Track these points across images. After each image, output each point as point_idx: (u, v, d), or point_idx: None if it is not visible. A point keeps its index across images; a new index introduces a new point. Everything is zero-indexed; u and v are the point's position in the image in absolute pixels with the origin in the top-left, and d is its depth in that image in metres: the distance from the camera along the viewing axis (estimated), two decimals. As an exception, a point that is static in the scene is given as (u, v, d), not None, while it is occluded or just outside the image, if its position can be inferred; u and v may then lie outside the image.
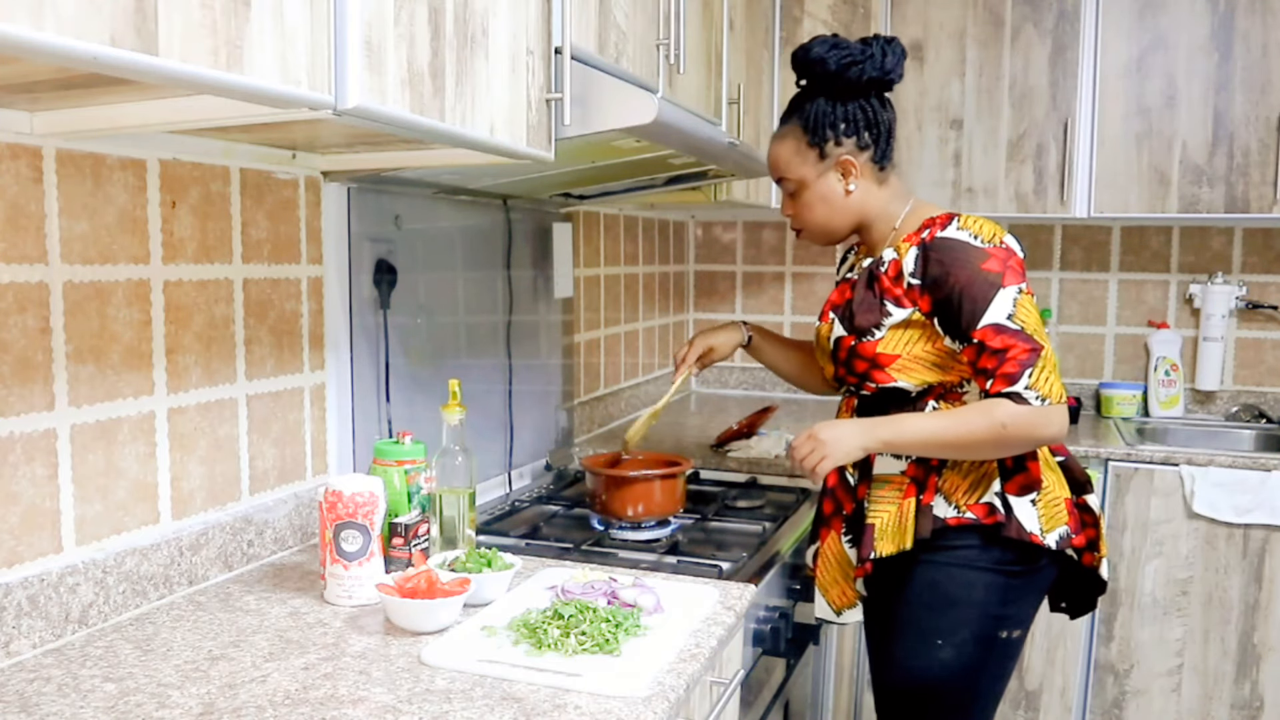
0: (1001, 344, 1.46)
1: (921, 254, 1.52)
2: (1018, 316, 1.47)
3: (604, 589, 1.40)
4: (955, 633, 1.57)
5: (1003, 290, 1.47)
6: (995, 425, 1.46)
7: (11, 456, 1.19)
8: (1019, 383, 1.45)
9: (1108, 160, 2.80)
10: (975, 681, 1.61)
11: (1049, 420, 1.47)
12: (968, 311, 1.48)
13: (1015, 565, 1.57)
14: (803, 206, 1.65)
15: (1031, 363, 1.46)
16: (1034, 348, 1.46)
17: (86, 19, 0.73)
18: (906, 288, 1.53)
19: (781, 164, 1.65)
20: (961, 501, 1.55)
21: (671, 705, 1.12)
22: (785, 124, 1.66)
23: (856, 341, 1.59)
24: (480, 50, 1.23)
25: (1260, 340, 3.09)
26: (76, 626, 1.26)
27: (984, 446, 1.50)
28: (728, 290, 3.58)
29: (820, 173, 1.62)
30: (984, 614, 1.57)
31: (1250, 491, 2.52)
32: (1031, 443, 1.50)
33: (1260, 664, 2.60)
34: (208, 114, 1.09)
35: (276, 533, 1.59)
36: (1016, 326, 1.46)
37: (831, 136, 1.60)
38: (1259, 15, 2.66)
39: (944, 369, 1.55)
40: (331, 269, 1.68)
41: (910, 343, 1.55)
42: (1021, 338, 1.46)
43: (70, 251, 1.24)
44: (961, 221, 1.53)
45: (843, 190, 1.62)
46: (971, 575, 1.56)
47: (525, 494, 2.13)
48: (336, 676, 1.16)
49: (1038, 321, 1.49)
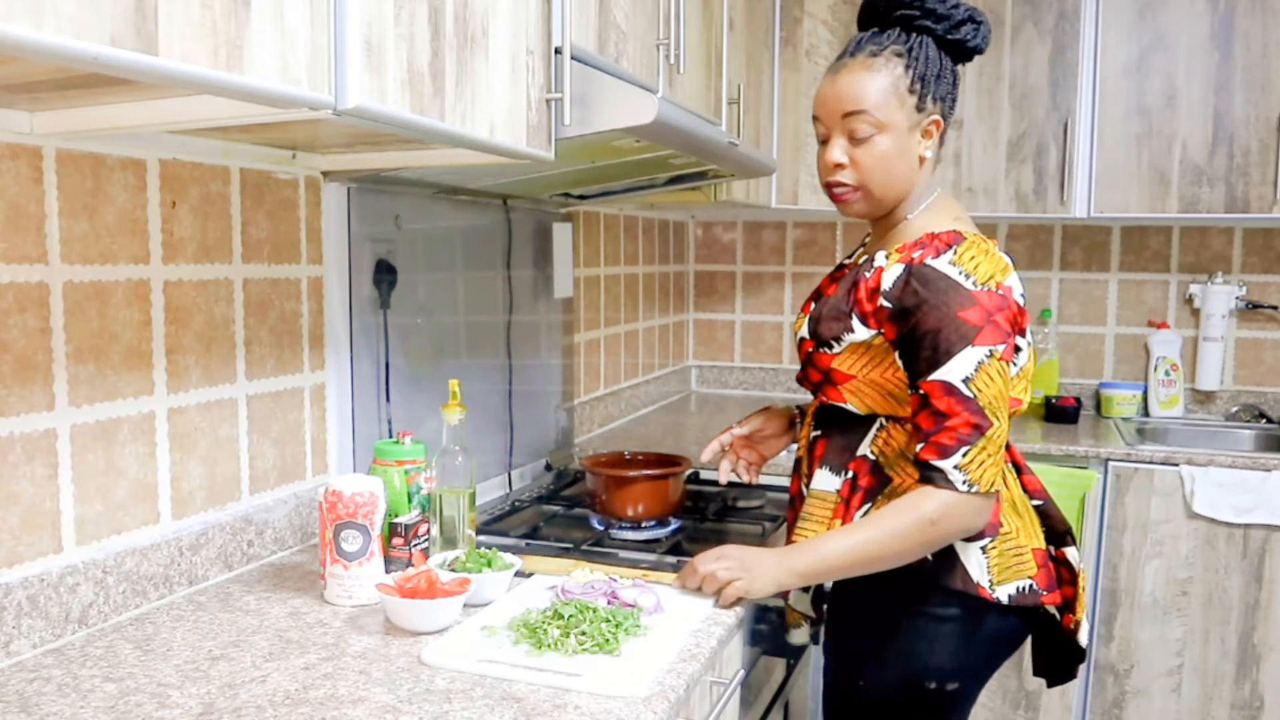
0: (946, 407, 1.28)
1: (903, 277, 1.33)
2: (975, 382, 1.27)
3: (604, 589, 1.40)
4: (876, 673, 1.43)
5: (971, 348, 1.28)
6: (924, 524, 1.30)
7: (11, 456, 1.19)
8: (949, 459, 1.28)
9: (1108, 160, 2.80)
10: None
11: (976, 511, 1.30)
12: (925, 358, 1.30)
13: (947, 613, 1.39)
14: (875, 157, 1.38)
15: (970, 441, 1.27)
16: (979, 424, 1.27)
17: (86, 19, 0.73)
18: (877, 308, 1.36)
19: (868, 97, 1.36)
20: None
21: (671, 705, 1.12)
22: (872, 52, 1.38)
23: (814, 350, 1.43)
24: (480, 50, 1.23)
25: (1260, 340, 3.09)
26: (76, 626, 1.26)
27: (913, 551, 1.33)
28: (728, 290, 3.58)
29: (911, 125, 1.38)
30: (906, 659, 1.40)
31: (1250, 491, 2.52)
32: (959, 536, 1.34)
33: (1260, 664, 2.60)
34: (208, 114, 1.09)
35: (276, 533, 1.59)
36: (970, 394, 1.27)
37: (932, 90, 1.37)
38: (1259, 15, 2.66)
39: (900, 401, 1.39)
40: (331, 269, 1.68)
41: (869, 366, 1.39)
42: (970, 408, 1.27)
43: (70, 251, 1.24)
44: (958, 253, 1.32)
45: (918, 154, 1.40)
46: (897, 616, 1.40)
47: (525, 494, 2.12)
48: (336, 676, 1.16)
49: (999, 393, 1.29)
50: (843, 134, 1.39)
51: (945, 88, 1.40)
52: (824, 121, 1.42)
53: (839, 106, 1.38)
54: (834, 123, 1.40)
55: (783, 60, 2.76)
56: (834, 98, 1.39)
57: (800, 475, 1.55)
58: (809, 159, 2.81)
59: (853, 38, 1.43)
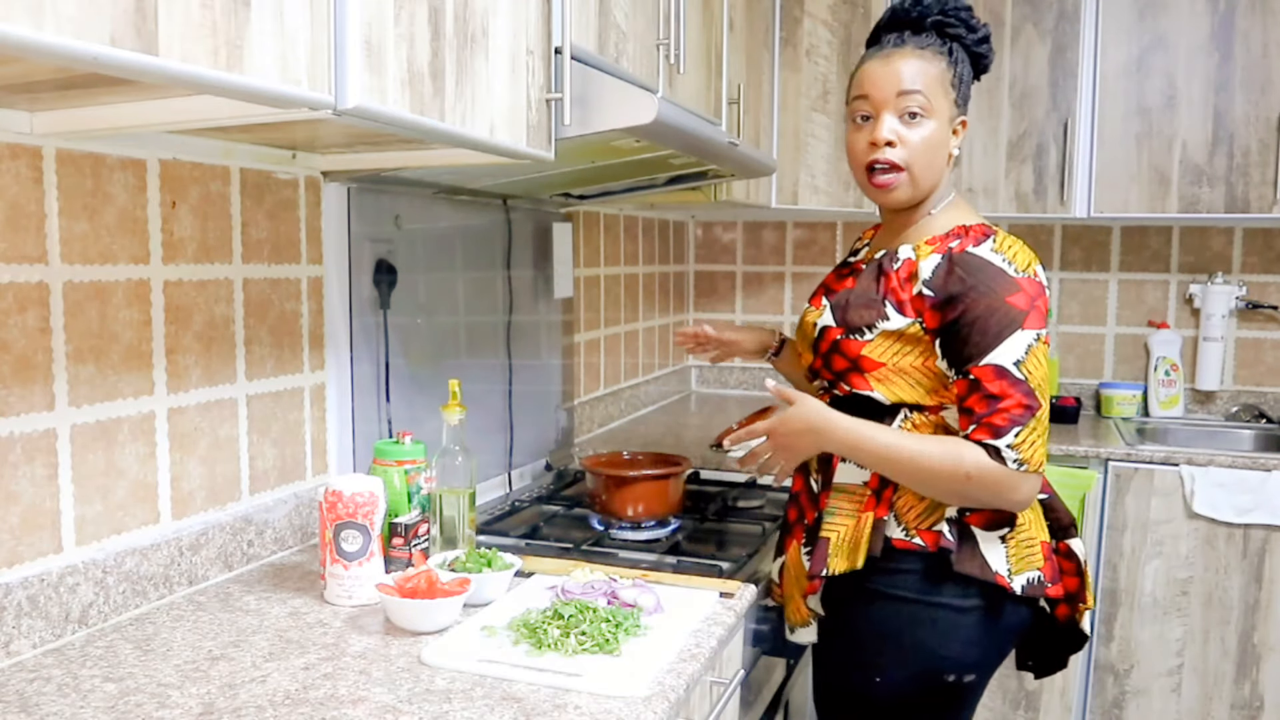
0: (999, 390, 1.32)
1: (945, 265, 1.37)
2: (1026, 365, 1.32)
3: (604, 589, 1.40)
4: (892, 670, 1.43)
5: (1020, 332, 1.32)
6: (959, 471, 1.33)
7: (11, 456, 1.19)
8: (1002, 438, 1.32)
9: (1108, 160, 2.80)
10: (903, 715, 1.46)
11: (1017, 487, 1.33)
12: (975, 343, 1.33)
13: (967, 604, 1.40)
14: (923, 139, 1.42)
15: (1023, 421, 1.32)
16: (1031, 405, 1.32)
17: (86, 19, 0.73)
18: (915, 295, 1.38)
19: (924, 80, 1.41)
20: (911, 524, 1.40)
21: (671, 705, 1.12)
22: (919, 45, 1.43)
23: (843, 337, 1.44)
24: (480, 50, 1.23)
25: (1260, 340, 3.09)
26: (76, 626, 1.26)
27: (939, 487, 1.37)
28: (728, 290, 3.58)
29: (949, 118, 1.44)
30: (924, 653, 1.42)
31: (1250, 491, 2.52)
32: (991, 503, 1.36)
33: (1260, 664, 2.60)
34: (208, 114, 1.09)
35: (276, 533, 1.59)
36: (1021, 376, 1.32)
37: (964, 92, 1.47)
38: (1259, 15, 2.66)
39: (927, 390, 1.41)
40: (331, 269, 1.68)
41: (899, 354, 1.41)
42: (1022, 390, 1.32)
43: (70, 251, 1.24)
44: (998, 241, 1.38)
45: (948, 150, 1.46)
46: (914, 609, 1.41)
47: (525, 494, 2.12)
48: (336, 676, 1.16)
49: (1045, 376, 1.35)
50: (895, 112, 1.42)
51: (969, 94, 1.48)
52: (873, 99, 1.43)
53: (895, 84, 1.41)
54: (886, 100, 1.42)
55: (783, 60, 2.76)
56: (889, 75, 1.42)
57: (805, 473, 1.55)
58: (809, 159, 2.81)
59: (885, 35, 1.47)
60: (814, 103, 2.81)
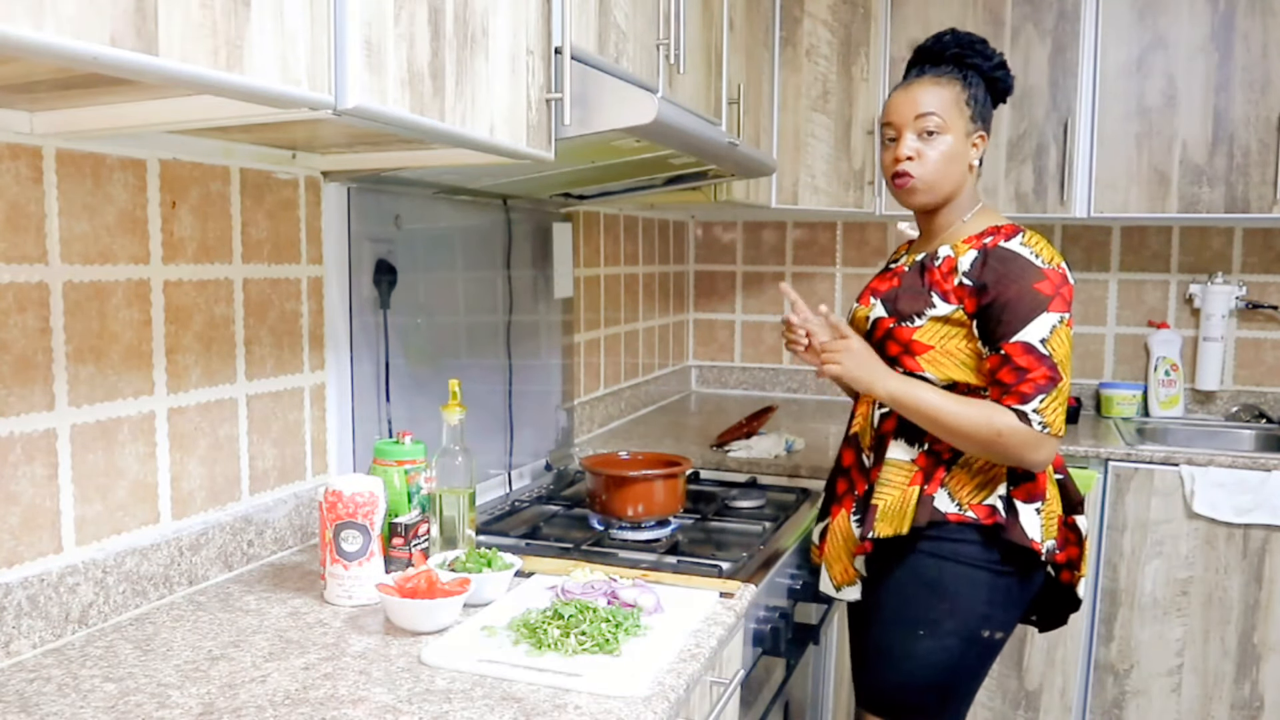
0: (1026, 363, 1.51)
1: (981, 257, 1.57)
2: (1051, 342, 1.51)
3: (604, 589, 1.40)
4: (939, 625, 1.62)
5: (1046, 314, 1.51)
6: (991, 429, 1.53)
7: (11, 456, 1.19)
8: (1029, 404, 1.51)
9: (1108, 160, 2.80)
10: (950, 676, 1.65)
11: (1039, 446, 1.53)
12: (1006, 322, 1.52)
13: (1009, 568, 1.61)
14: (939, 152, 1.63)
15: (1047, 390, 1.51)
16: (1054, 376, 1.51)
17: (86, 19, 0.73)
18: (957, 285, 1.58)
19: (938, 104, 1.63)
20: (965, 500, 1.60)
21: (671, 705, 1.12)
22: (936, 75, 1.65)
23: (895, 325, 1.63)
24: (480, 50, 1.23)
25: (1260, 340, 3.09)
26: (76, 626, 1.26)
27: (972, 441, 1.56)
28: (727, 290, 3.58)
29: (965, 133, 1.65)
30: (971, 611, 1.61)
31: (1250, 491, 2.52)
32: (1015, 460, 1.56)
33: (1260, 664, 2.60)
34: (208, 114, 1.09)
35: (276, 533, 1.59)
36: (1046, 352, 1.51)
37: (981, 110, 1.66)
38: (1259, 15, 2.66)
39: (972, 370, 1.60)
40: (331, 269, 1.68)
41: (946, 337, 1.60)
42: (1047, 364, 1.51)
43: (70, 251, 1.24)
44: (1026, 237, 1.58)
45: (967, 161, 1.66)
46: (965, 571, 1.61)
47: (525, 494, 2.12)
48: (336, 676, 1.16)
49: (1067, 354, 1.54)
50: (914, 131, 1.64)
51: (988, 113, 1.69)
52: (895, 124, 1.66)
53: (913, 109, 1.64)
54: (906, 123, 1.65)
55: (783, 60, 2.76)
56: (909, 102, 1.65)
57: (857, 448, 1.74)
58: (809, 159, 2.81)
59: (910, 69, 1.71)
60: (814, 103, 2.81)
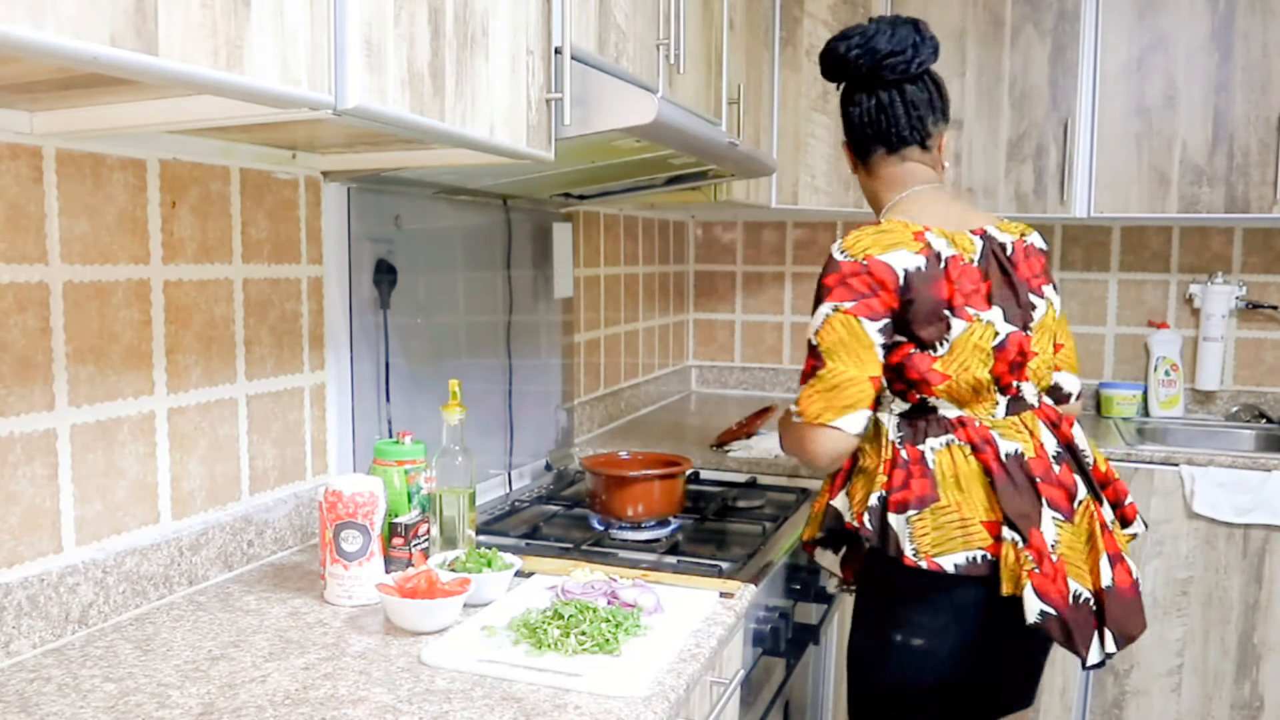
0: (805, 360, 1.53)
1: None
2: (821, 333, 1.49)
3: (604, 589, 1.40)
4: (862, 619, 1.65)
5: (822, 305, 1.50)
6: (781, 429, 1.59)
7: (11, 456, 1.19)
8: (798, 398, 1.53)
9: (1108, 160, 2.80)
10: (873, 672, 1.62)
11: (801, 439, 1.51)
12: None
13: (898, 578, 1.52)
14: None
15: (808, 379, 1.50)
16: (816, 365, 1.49)
17: (86, 19, 0.73)
18: None
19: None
20: (854, 508, 1.56)
21: (671, 705, 1.12)
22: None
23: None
24: (480, 50, 1.23)
25: (1260, 340, 3.09)
26: (76, 626, 1.26)
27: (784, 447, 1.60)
28: (727, 290, 3.58)
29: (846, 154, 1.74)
30: (878, 611, 1.61)
31: (1250, 491, 2.52)
32: (796, 453, 1.55)
33: (1260, 664, 2.60)
34: (208, 114, 1.09)
35: (276, 533, 1.59)
36: (815, 343, 1.50)
37: (844, 119, 1.70)
38: (1259, 15, 2.66)
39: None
40: (331, 269, 1.68)
41: None
42: (813, 354, 1.50)
43: (70, 251, 1.24)
44: (847, 236, 1.54)
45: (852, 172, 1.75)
46: (868, 574, 1.64)
47: (525, 494, 2.12)
48: (336, 676, 1.16)
49: (839, 341, 1.47)
50: None
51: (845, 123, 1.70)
52: None
53: None
54: None
55: (783, 60, 2.76)
56: None
57: None
58: (809, 159, 2.81)
59: None
60: (814, 103, 2.81)
